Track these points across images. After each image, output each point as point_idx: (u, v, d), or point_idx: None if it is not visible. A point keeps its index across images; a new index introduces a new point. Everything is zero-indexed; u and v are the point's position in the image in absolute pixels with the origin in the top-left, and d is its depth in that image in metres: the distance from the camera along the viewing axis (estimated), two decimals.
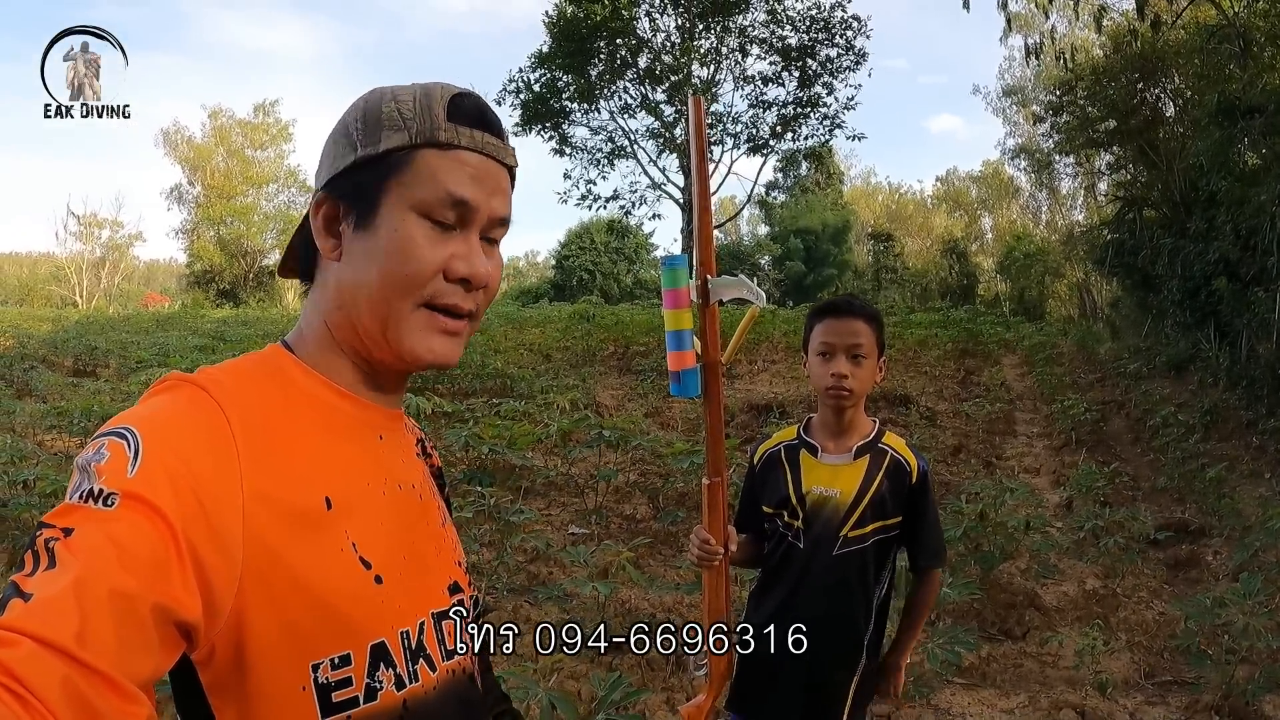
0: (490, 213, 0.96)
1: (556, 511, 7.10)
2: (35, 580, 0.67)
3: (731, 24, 18.58)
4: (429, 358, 0.95)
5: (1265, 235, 10.44)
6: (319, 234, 0.96)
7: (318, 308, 0.98)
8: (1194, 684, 4.25)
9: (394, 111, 0.93)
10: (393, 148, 0.92)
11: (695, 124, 1.52)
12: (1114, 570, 5.92)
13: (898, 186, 57.27)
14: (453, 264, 0.93)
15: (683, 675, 4.15)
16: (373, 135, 0.93)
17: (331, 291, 0.96)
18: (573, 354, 17.55)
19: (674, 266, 1.58)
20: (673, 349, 1.58)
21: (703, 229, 1.58)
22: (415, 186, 0.91)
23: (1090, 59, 18.60)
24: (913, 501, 2.25)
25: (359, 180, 0.93)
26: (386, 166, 0.92)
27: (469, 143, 0.94)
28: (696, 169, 1.54)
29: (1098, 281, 27.07)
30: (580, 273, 43.63)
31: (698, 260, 1.58)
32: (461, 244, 0.94)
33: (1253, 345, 10.51)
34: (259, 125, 42.83)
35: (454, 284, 0.94)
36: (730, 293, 1.64)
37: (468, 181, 0.93)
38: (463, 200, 0.93)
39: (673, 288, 1.57)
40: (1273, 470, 8.11)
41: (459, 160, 0.93)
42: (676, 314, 1.57)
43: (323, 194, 0.96)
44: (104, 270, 42.45)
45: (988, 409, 12.02)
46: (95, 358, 14.70)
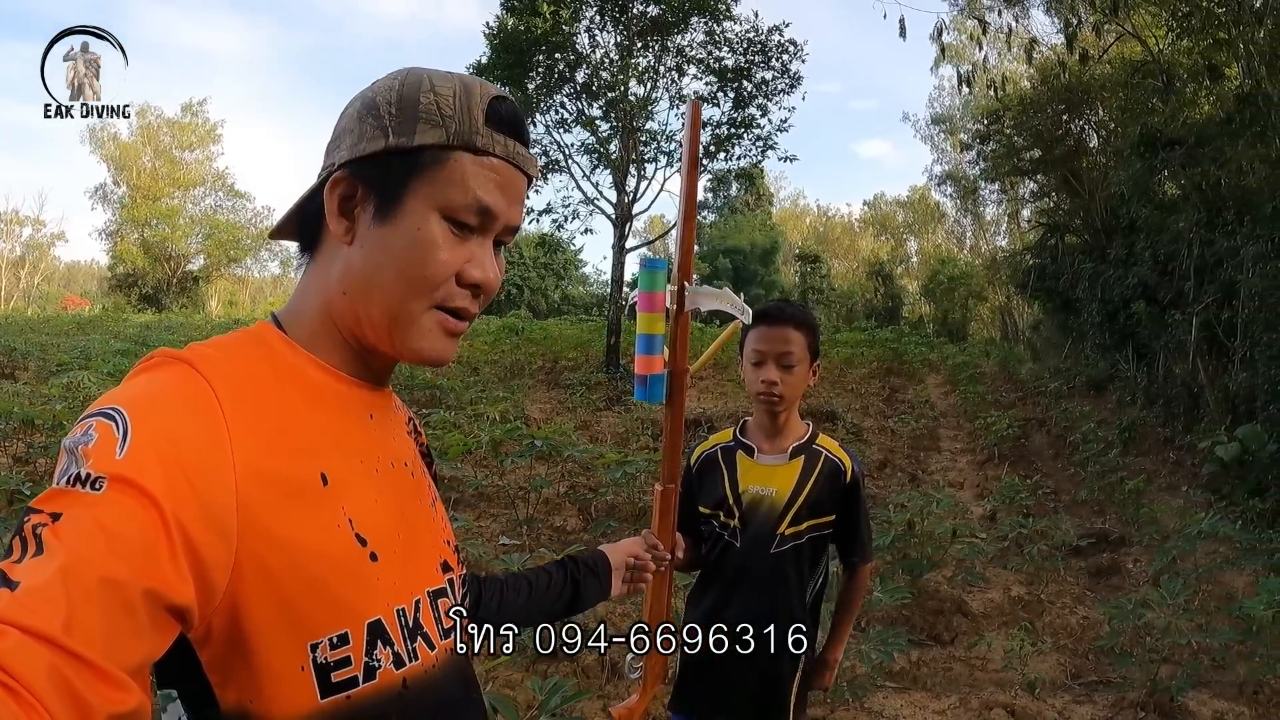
0: (508, 221, 0.96)
1: (487, 523, 7.02)
2: (22, 568, 0.65)
3: (670, 43, 18.67)
4: (431, 355, 0.94)
5: (1182, 261, 10.87)
6: (332, 214, 0.93)
7: (319, 287, 0.96)
8: (1119, 683, 4.35)
9: (432, 104, 0.91)
10: (428, 144, 0.90)
11: (691, 129, 1.48)
12: (1038, 577, 6.05)
13: (826, 209, 58.40)
14: (467, 269, 0.92)
15: (618, 681, 4.12)
16: (407, 125, 0.91)
17: (337, 275, 0.94)
18: (501, 367, 17.47)
19: (653, 269, 1.55)
20: (642, 353, 1.54)
21: (685, 236, 1.54)
22: (445, 188, 0.90)
23: (1018, 90, 19.17)
24: (846, 500, 2.27)
25: (387, 169, 0.91)
26: (418, 163, 0.90)
27: (502, 151, 0.93)
28: (686, 175, 1.50)
29: (1020, 305, 27.83)
30: (509, 287, 43.50)
31: (677, 266, 1.55)
32: (478, 249, 0.94)
33: (1169, 366, 10.90)
34: (187, 125, 41.90)
35: (465, 288, 0.93)
36: (710, 304, 1.61)
37: (495, 190, 0.93)
38: (488, 208, 0.92)
39: (649, 291, 1.54)
40: (1188, 483, 8.39)
41: (490, 167, 0.92)
42: (650, 318, 1.53)
43: (343, 173, 0.92)
44: (23, 270, 41.19)
45: (913, 425, 12.24)
46: (14, 360, 14.20)
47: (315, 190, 0.96)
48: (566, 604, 1.52)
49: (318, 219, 0.96)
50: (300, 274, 1.01)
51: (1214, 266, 10.40)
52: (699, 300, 1.59)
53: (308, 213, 0.98)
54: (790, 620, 2.21)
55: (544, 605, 1.48)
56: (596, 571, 1.57)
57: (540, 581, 1.49)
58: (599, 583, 1.57)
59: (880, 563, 5.55)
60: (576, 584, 1.53)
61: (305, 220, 0.99)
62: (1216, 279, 10.30)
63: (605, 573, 1.58)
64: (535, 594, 1.47)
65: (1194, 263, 10.62)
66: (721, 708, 2.24)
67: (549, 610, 1.50)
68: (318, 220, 0.96)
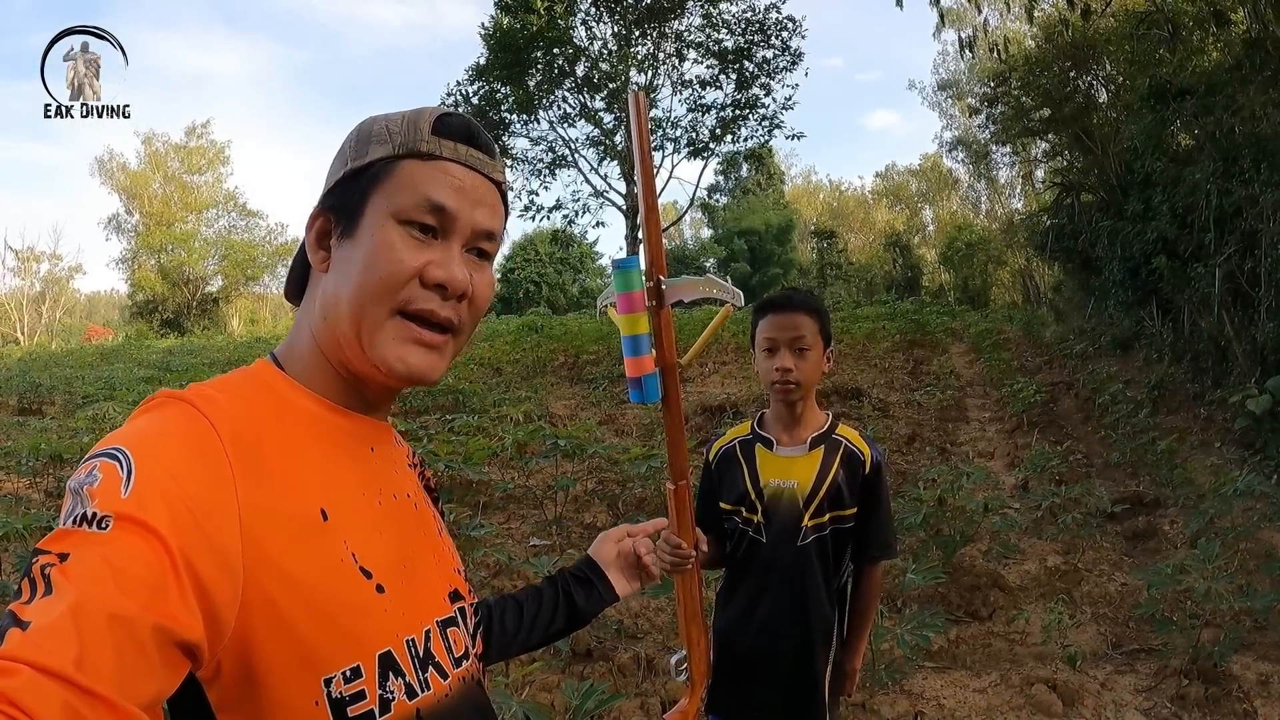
0: (474, 225, 0.96)
1: (516, 524, 7.02)
2: (32, 608, 0.66)
3: (668, 29, 18.63)
4: (401, 369, 0.94)
5: (1201, 213, 10.69)
6: (312, 249, 0.98)
7: (305, 321, 0.99)
8: (1161, 650, 4.29)
9: (383, 129, 0.96)
10: (377, 158, 0.95)
11: (637, 121, 1.46)
12: (1074, 546, 5.98)
13: (838, 184, 57.83)
14: (429, 270, 0.93)
15: (655, 679, 4.11)
16: (361, 150, 0.96)
17: (317, 303, 0.97)
18: (523, 366, 17.48)
19: (625, 269, 1.51)
20: (630, 354, 1.52)
21: (650, 230, 1.52)
22: (396, 194, 0.93)
23: (1023, 50, 18.97)
24: (867, 491, 2.24)
25: (346, 191, 0.96)
26: (370, 176, 0.94)
27: (451, 154, 0.96)
28: (641, 167, 1.48)
29: (1039, 267, 27.56)
30: (527, 284, 43.64)
31: (648, 262, 1.52)
32: (441, 252, 0.95)
33: (1195, 320, 10.73)
34: (195, 149, 42.30)
35: (430, 290, 0.94)
36: (693, 293, 1.57)
37: (449, 190, 0.94)
38: (441, 206, 0.94)
39: (626, 291, 1.50)
40: (1221, 439, 8.28)
41: (441, 170, 0.95)
42: (631, 319, 1.50)
43: (317, 209, 0.98)
44: (45, 305, 41.67)
45: (939, 397, 12.14)
46: (40, 395, 14.41)
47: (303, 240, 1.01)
48: (566, 618, 1.45)
49: (306, 264, 1.01)
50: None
51: (1233, 216, 10.22)
52: (680, 292, 1.56)
53: (300, 263, 1.03)
54: (820, 612, 2.21)
55: (541, 625, 1.43)
56: (585, 578, 1.49)
57: (531, 603, 1.44)
58: (592, 589, 1.48)
59: (914, 539, 5.51)
60: (570, 597, 1.46)
61: (299, 272, 1.04)
62: (1237, 229, 10.12)
63: (597, 576, 1.49)
64: (526, 617, 1.41)
65: (1213, 213, 10.44)
66: (757, 705, 2.23)
67: (548, 629, 1.44)
68: (306, 265, 1.01)
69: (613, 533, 1.55)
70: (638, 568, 1.53)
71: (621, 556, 1.52)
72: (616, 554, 1.52)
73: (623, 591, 1.50)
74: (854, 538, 2.26)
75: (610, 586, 1.49)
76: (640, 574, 1.53)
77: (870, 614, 2.36)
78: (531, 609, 1.42)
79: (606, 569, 1.50)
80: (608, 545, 1.53)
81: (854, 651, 2.34)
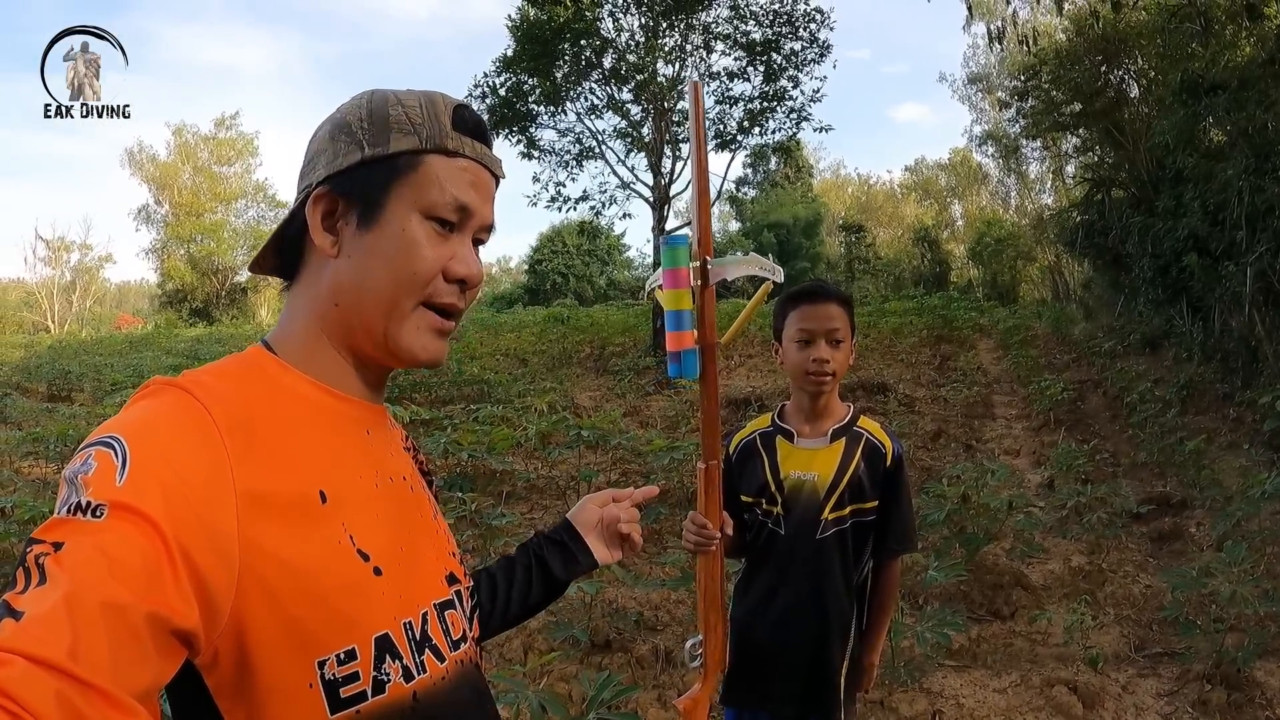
0: (483, 219, 1.00)
1: (539, 515, 7.05)
2: (26, 598, 0.66)
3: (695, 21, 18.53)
4: (424, 356, 0.98)
5: (1233, 210, 10.53)
6: (316, 230, 0.96)
7: (308, 305, 0.98)
8: (1184, 654, 4.25)
9: (401, 115, 0.96)
10: (403, 150, 0.95)
11: (695, 109, 1.54)
12: (1098, 546, 5.93)
13: (867, 177, 57.56)
14: (452, 265, 0.97)
15: (673, 672, 4.12)
16: (380, 136, 0.95)
17: (327, 288, 0.96)
18: (549, 357, 17.54)
19: (674, 245, 1.56)
20: (672, 329, 1.55)
21: (701, 212, 1.58)
22: (423, 189, 0.95)
23: (1053, 43, 18.76)
24: (888, 484, 2.23)
25: (366, 179, 0.95)
26: (395, 168, 0.95)
27: (471, 152, 0.98)
28: (695, 153, 1.55)
29: (1069, 263, 27.28)
30: (554, 276, 43.63)
31: (696, 242, 1.55)
32: (459, 246, 0.98)
33: (1225, 319, 10.60)
34: (224, 140, 42.50)
35: (452, 284, 0.98)
36: (738, 271, 1.62)
37: (469, 188, 0.97)
38: (465, 205, 0.97)
39: (673, 267, 1.55)
40: (1250, 441, 8.17)
41: (462, 168, 0.97)
42: (676, 294, 1.55)
43: (323, 189, 0.96)
44: (75, 294, 42.14)
45: (965, 393, 12.07)
46: (69, 382, 14.60)
47: (293, 215, 0.99)
48: (544, 587, 1.37)
49: (298, 243, 1.00)
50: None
51: (1266, 214, 10.05)
52: (725, 271, 1.61)
53: (288, 239, 1.01)
54: (838, 606, 2.20)
55: (518, 598, 1.35)
56: (561, 542, 1.39)
57: (504, 575, 1.36)
58: (568, 552, 1.38)
59: (937, 536, 5.48)
60: (544, 564, 1.37)
61: (285, 247, 1.02)
62: (1269, 227, 9.95)
63: (575, 541, 1.39)
64: (500, 591, 1.34)
65: (1245, 211, 10.27)
66: (773, 697, 2.22)
67: (525, 601, 1.36)
68: (299, 244, 1.00)
69: (596, 496, 1.45)
70: (621, 536, 1.42)
71: (603, 523, 1.42)
72: (598, 520, 1.42)
73: (603, 559, 1.40)
74: (875, 531, 2.25)
75: (589, 552, 1.39)
76: (623, 543, 1.43)
77: (889, 609, 2.35)
78: (505, 581, 1.36)
79: (585, 534, 1.40)
80: (589, 509, 1.43)
81: (872, 646, 2.33)
